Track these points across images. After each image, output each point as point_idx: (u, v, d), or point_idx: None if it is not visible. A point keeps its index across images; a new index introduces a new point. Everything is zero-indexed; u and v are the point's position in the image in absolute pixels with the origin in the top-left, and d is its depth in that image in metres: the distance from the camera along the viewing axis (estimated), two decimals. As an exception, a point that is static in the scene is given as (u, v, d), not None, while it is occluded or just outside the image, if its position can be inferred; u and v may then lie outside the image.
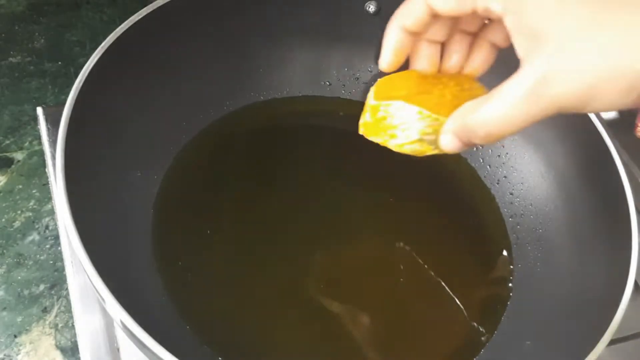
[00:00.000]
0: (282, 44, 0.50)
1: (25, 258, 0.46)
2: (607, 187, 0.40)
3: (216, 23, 0.46)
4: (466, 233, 0.46)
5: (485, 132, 0.27)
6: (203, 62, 0.46)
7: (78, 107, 0.36)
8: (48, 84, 0.58)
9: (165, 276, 0.39)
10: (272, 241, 0.43)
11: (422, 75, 0.35)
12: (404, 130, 0.34)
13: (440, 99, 0.33)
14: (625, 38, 0.23)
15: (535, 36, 0.24)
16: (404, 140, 0.34)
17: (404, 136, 0.34)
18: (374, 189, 0.47)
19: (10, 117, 0.55)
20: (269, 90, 0.51)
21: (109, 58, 0.38)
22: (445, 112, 0.32)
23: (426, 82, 0.34)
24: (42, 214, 0.49)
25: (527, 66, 0.24)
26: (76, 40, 0.62)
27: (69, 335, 0.43)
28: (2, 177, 0.51)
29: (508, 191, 0.48)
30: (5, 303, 0.44)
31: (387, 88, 0.35)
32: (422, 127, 0.33)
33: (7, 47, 0.60)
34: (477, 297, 0.43)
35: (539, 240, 0.45)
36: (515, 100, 0.25)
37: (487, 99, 0.26)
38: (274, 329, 0.39)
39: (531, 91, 0.24)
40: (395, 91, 0.34)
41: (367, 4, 0.49)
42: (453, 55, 0.33)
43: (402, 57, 0.32)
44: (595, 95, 0.23)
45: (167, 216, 0.42)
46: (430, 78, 0.35)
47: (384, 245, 0.44)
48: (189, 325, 0.38)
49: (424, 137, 0.33)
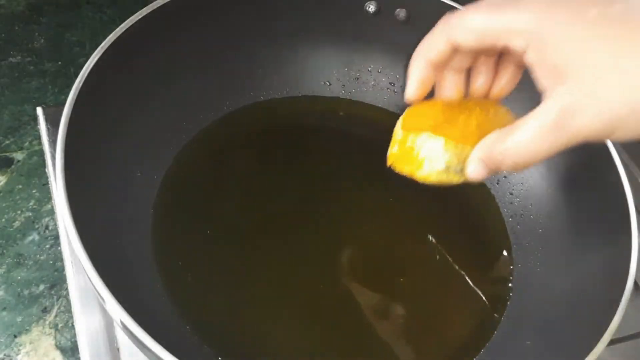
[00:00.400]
0: (282, 44, 0.50)
1: (25, 258, 0.46)
2: (607, 187, 0.40)
3: (216, 23, 0.46)
4: (466, 233, 0.46)
5: (513, 161, 0.27)
6: (203, 62, 0.46)
7: (78, 107, 0.36)
8: (48, 84, 0.58)
9: (165, 276, 0.39)
10: (272, 241, 0.43)
11: (447, 102, 0.35)
12: (430, 162, 0.35)
13: (466, 127, 0.34)
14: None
15: (558, 71, 0.25)
16: (430, 171, 0.35)
17: (430, 167, 0.35)
18: (373, 189, 0.47)
19: (10, 117, 0.55)
20: (269, 90, 0.51)
21: (109, 58, 0.38)
22: (471, 142, 0.33)
23: (452, 109, 0.35)
24: (42, 214, 0.49)
25: (551, 99, 0.25)
26: (76, 40, 0.62)
27: (69, 335, 0.43)
28: (2, 177, 0.51)
29: (508, 191, 0.48)
30: (5, 303, 0.44)
31: (414, 119, 0.36)
32: (449, 158, 0.34)
33: (7, 47, 0.60)
34: (477, 297, 0.43)
35: (539, 240, 0.45)
36: (540, 132, 0.25)
37: (513, 130, 0.27)
38: (274, 329, 0.39)
39: (556, 123, 0.25)
40: (422, 122, 0.35)
41: (367, 4, 0.49)
42: (479, 78, 0.34)
43: (427, 88, 0.33)
44: (618, 126, 0.24)
45: (167, 216, 0.42)
46: (456, 105, 0.35)
47: (383, 245, 0.44)
48: (189, 325, 0.38)
49: (450, 167, 0.34)
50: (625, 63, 0.23)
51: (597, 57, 0.24)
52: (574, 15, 0.24)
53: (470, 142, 0.33)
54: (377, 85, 0.53)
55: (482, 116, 0.34)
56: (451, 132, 0.34)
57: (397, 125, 0.36)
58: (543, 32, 0.25)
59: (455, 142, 0.33)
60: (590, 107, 0.24)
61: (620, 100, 0.24)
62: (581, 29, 0.24)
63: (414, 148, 0.35)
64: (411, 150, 0.35)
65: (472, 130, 0.33)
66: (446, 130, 0.34)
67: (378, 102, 0.53)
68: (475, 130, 0.33)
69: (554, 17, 0.25)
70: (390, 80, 0.53)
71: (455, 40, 0.29)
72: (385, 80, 0.53)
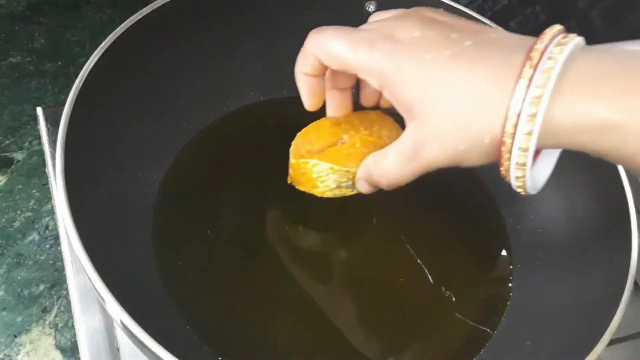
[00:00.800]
0: (282, 44, 0.50)
1: (25, 258, 0.46)
2: (607, 187, 0.40)
3: (216, 23, 0.46)
4: (466, 233, 0.46)
5: (386, 182, 0.32)
6: (203, 62, 0.46)
7: (78, 107, 0.36)
8: (48, 84, 0.58)
9: (165, 276, 0.39)
10: (272, 241, 0.43)
11: (334, 122, 0.40)
12: (323, 182, 0.39)
13: (351, 149, 0.38)
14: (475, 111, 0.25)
15: (407, 108, 0.28)
16: (325, 189, 0.39)
17: (324, 186, 0.40)
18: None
19: (10, 117, 0.55)
20: (269, 90, 0.51)
21: (109, 58, 0.38)
22: (354, 164, 0.37)
23: (338, 129, 0.39)
24: (42, 214, 0.49)
25: (406, 132, 0.28)
26: (76, 40, 0.62)
27: (69, 335, 0.43)
28: (2, 177, 0.51)
29: (508, 191, 0.48)
30: (5, 303, 0.44)
31: (304, 144, 0.40)
32: (337, 178, 0.39)
33: (7, 47, 0.60)
34: (477, 297, 0.43)
35: (539, 240, 0.45)
36: (401, 161, 0.29)
37: (383, 156, 0.31)
38: (274, 329, 0.39)
39: (410, 154, 0.28)
40: (310, 146, 0.39)
41: (367, 4, 0.49)
42: (366, 89, 0.37)
43: (319, 97, 0.36)
44: (463, 158, 0.27)
45: (167, 216, 0.42)
46: (343, 124, 0.40)
47: (383, 245, 0.44)
48: (189, 325, 0.38)
49: (342, 184, 0.39)
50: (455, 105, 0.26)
51: (433, 98, 0.26)
52: (414, 57, 0.27)
53: (353, 164, 0.37)
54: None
55: (366, 134, 0.39)
56: (336, 157, 0.38)
57: (291, 149, 0.40)
58: (390, 74, 0.27)
59: (340, 166, 0.38)
60: (434, 143, 0.27)
61: (457, 138, 0.26)
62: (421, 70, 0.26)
63: (305, 172, 0.40)
64: (304, 174, 0.40)
65: (355, 152, 0.38)
66: (332, 155, 0.38)
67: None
68: (359, 150, 0.38)
69: (398, 59, 0.27)
70: (390, 80, 0.53)
71: (322, 61, 0.31)
72: (385, 80, 0.53)
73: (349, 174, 0.38)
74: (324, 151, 0.39)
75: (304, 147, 0.40)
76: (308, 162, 0.39)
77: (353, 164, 0.37)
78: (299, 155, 0.40)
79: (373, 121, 0.41)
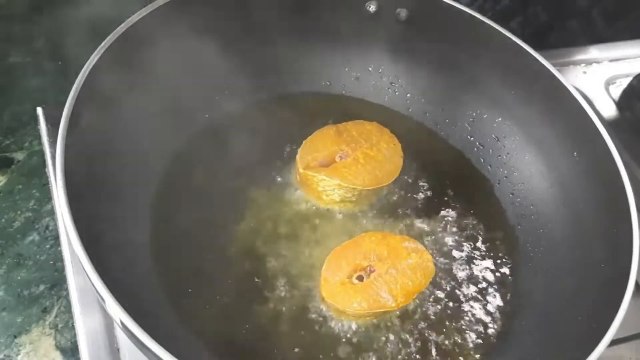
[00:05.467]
0: (282, 44, 0.50)
1: (25, 258, 0.46)
2: (608, 187, 0.40)
3: (215, 23, 0.46)
4: (466, 233, 0.46)
5: None
6: (202, 62, 0.46)
7: (78, 107, 0.36)
8: (48, 84, 0.58)
9: (165, 276, 0.39)
10: (272, 240, 0.43)
11: (336, 131, 0.45)
12: (328, 195, 0.44)
13: (356, 165, 0.43)
14: None
15: None
16: (328, 201, 0.44)
17: (329, 199, 0.44)
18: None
19: (10, 117, 0.55)
20: (269, 90, 0.51)
21: (109, 58, 0.38)
22: (360, 182, 0.43)
23: (341, 139, 0.45)
24: (42, 214, 0.49)
25: None
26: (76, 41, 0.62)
27: (69, 335, 0.43)
28: (2, 177, 0.51)
29: (509, 191, 0.48)
30: (5, 303, 0.44)
31: (310, 152, 0.44)
32: (343, 193, 0.43)
33: (7, 47, 0.60)
34: (478, 297, 0.43)
35: (539, 240, 0.45)
36: None
37: None
38: (274, 329, 0.39)
39: None
40: (317, 153, 0.44)
41: (367, 4, 0.49)
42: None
43: None
44: None
45: (167, 216, 0.42)
46: (344, 134, 0.45)
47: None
48: (187, 325, 0.38)
49: (345, 198, 0.44)
50: None
51: None
52: None
53: (360, 180, 0.42)
54: (377, 84, 0.53)
55: (366, 148, 0.44)
56: (343, 174, 0.43)
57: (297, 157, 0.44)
58: None
59: (347, 184, 0.42)
60: None
61: None
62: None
63: (312, 184, 0.43)
64: (311, 185, 0.44)
65: (360, 169, 0.43)
66: (339, 173, 0.43)
67: (378, 101, 0.53)
68: (363, 167, 0.43)
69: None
70: (391, 80, 0.53)
71: None
72: (385, 79, 0.53)
73: (354, 190, 0.43)
74: (331, 166, 0.43)
75: (311, 155, 0.44)
76: (315, 177, 0.43)
77: (359, 182, 0.43)
78: (305, 162, 0.44)
79: (371, 133, 0.46)
